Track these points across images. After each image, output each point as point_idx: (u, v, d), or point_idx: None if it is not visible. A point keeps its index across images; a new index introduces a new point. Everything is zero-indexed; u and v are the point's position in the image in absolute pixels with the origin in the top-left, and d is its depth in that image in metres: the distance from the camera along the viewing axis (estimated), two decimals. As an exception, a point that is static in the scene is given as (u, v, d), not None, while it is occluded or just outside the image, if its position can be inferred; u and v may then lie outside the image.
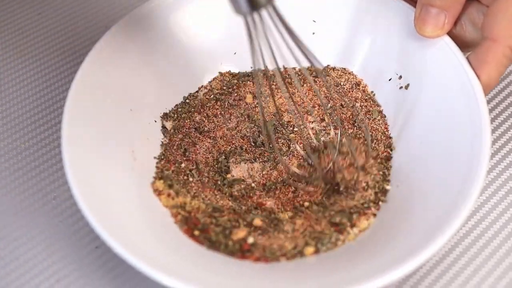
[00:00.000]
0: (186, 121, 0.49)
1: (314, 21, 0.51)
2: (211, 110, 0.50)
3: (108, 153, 0.43)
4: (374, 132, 0.48)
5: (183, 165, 0.46)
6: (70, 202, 0.48)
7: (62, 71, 0.56)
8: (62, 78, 0.56)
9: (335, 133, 0.47)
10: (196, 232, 0.42)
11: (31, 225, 0.47)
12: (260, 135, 0.48)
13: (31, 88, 0.55)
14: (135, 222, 0.40)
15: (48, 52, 0.58)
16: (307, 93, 0.50)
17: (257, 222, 0.43)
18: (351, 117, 0.49)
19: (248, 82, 0.51)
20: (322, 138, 0.47)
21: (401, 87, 0.47)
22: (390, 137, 0.47)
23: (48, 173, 0.49)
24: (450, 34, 0.45)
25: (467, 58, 0.43)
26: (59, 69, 0.57)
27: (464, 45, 0.45)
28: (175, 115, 0.49)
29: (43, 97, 0.54)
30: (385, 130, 0.48)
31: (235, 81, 0.51)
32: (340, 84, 0.50)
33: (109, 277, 0.44)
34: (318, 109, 0.49)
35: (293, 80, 0.48)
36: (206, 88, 0.51)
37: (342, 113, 0.49)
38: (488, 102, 0.53)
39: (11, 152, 0.51)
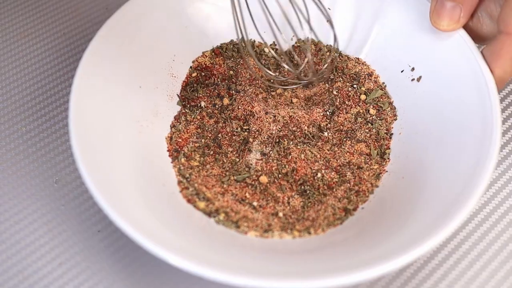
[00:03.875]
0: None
1: (329, 8, 0.53)
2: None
3: (115, 131, 0.45)
4: (383, 122, 0.50)
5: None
6: (71, 185, 0.49)
7: (63, 54, 0.58)
8: (63, 60, 0.57)
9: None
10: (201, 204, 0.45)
11: (33, 208, 0.48)
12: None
13: (31, 71, 0.56)
14: (140, 199, 0.42)
15: (48, 34, 0.59)
16: None
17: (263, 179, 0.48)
18: (355, 95, 0.51)
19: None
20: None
21: (413, 79, 0.49)
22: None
23: (50, 157, 0.51)
24: (466, 27, 0.46)
25: (482, 52, 0.44)
26: (60, 51, 0.58)
27: (480, 38, 0.46)
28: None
29: (44, 80, 0.56)
30: (393, 121, 0.50)
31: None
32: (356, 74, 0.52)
33: (111, 260, 0.45)
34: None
35: None
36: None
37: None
38: (502, 100, 0.54)
39: (12, 136, 0.52)
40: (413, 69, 0.49)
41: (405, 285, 0.45)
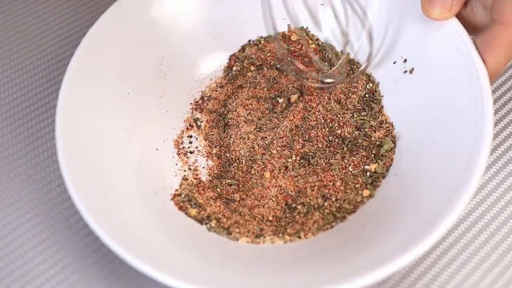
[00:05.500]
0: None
1: (322, 4, 0.53)
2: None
3: (104, 140, 0.46)
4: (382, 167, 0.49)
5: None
6: (73, 189, 0.51)
7: (62, 57, 0.59)
8: (63, 65, 0.58)
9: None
10: (192, 212, 0.46)
11: (35, 212, 0.49)
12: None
13: (32, 75, 0.58)
14: (131, 213, 0.43)
15: (51, 37, 0.60)
16: None
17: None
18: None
19: None
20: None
21: (405, 71, 0.49)
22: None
23: (52, 160, 0.52)
24: (459, 16, 0.45)
25: (475, 42, 0.44)
26: (58, 54, 0.59)
27: (474, 28, 0.46)
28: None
29: (46, 83, 0.57)
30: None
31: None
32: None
33: (114, 265, 0.47)
34: None
35: None
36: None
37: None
38: (494, 91, 0.54)
39: (14, 139, 0.53)
40: (405, 60, 0.49)
41: None
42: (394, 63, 0.50)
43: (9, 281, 0.46)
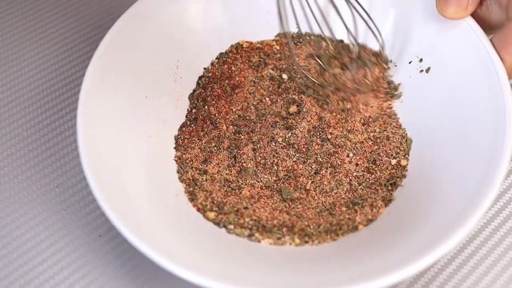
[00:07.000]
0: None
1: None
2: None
3: (124, 144, 0.46)
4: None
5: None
6: (73, 190, 0.50)
7: (64, 58, 0.59)
8: (64, 64, 0.58)
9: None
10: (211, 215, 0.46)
11: (34, 213, 0.49)
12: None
13: (32, 75, 0.58)
14: (146, 208, 0.43)
15: (49, 38, 0.60)
16: None
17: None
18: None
19: None
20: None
21: (421, 71, 0.49)
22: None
23: (51, 161, 0.52)
24: (474, 15, 0.46)
25: (491, 40, 0.44)
26: (61, 55, 0.59)
27: (489, 27, 0.46)
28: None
29: (44, 84, 0.57)
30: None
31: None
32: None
33: (113, 265, 0.46)
34: None
35: None
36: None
37: None
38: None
39: (13, 140, 0.53)
40: (421, 60, 0.49)
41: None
42: (410, 62, 0.50)
43: (8, 282, 0.46)
